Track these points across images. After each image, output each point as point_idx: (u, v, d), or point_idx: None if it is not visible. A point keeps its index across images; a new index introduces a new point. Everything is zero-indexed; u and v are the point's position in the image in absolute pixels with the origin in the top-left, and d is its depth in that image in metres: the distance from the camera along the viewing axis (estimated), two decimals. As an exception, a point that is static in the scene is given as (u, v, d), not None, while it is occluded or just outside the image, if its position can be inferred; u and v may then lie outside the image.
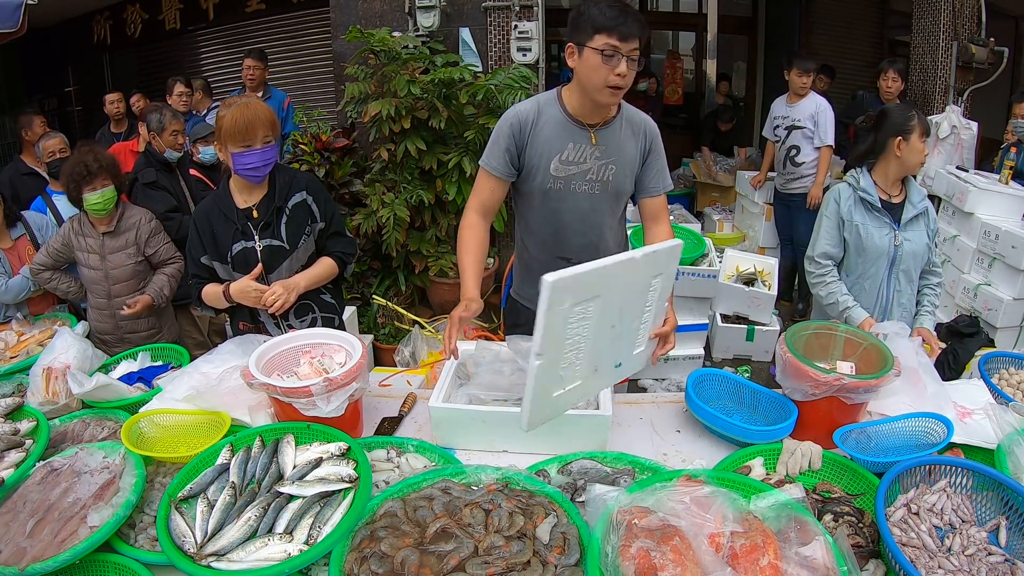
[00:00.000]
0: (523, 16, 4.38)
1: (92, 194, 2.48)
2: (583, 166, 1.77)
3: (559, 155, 1.76)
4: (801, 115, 4.25)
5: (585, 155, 1.77)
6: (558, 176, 1.77)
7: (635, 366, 1.50)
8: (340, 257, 2.08)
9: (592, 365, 1.34)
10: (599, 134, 1.76)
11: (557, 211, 1.82)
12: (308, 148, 3.93)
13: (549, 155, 1.76)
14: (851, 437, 1.51)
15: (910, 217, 2.21)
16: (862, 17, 7.25)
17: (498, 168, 1.78)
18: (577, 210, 1.82)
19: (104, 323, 2.67)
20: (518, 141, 1.76)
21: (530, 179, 1.80)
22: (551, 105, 1.78)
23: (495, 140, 1.78)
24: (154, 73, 6.77)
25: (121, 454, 1.47)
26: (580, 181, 1.79)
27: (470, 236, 1.81)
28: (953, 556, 1.18)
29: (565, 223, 1.83)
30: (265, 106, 1.94)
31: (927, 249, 2.25)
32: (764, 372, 3.83)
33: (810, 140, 4.21)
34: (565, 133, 1.75)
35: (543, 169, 1.77)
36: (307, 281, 1.97)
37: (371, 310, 3.96)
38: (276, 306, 1.87)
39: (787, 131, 4.31)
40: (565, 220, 1.83)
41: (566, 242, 1.86)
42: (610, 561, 1.08)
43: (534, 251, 1.92)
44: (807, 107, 4.24)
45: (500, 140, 1.77)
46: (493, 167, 1.78)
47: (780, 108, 4.43)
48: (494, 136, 1.79)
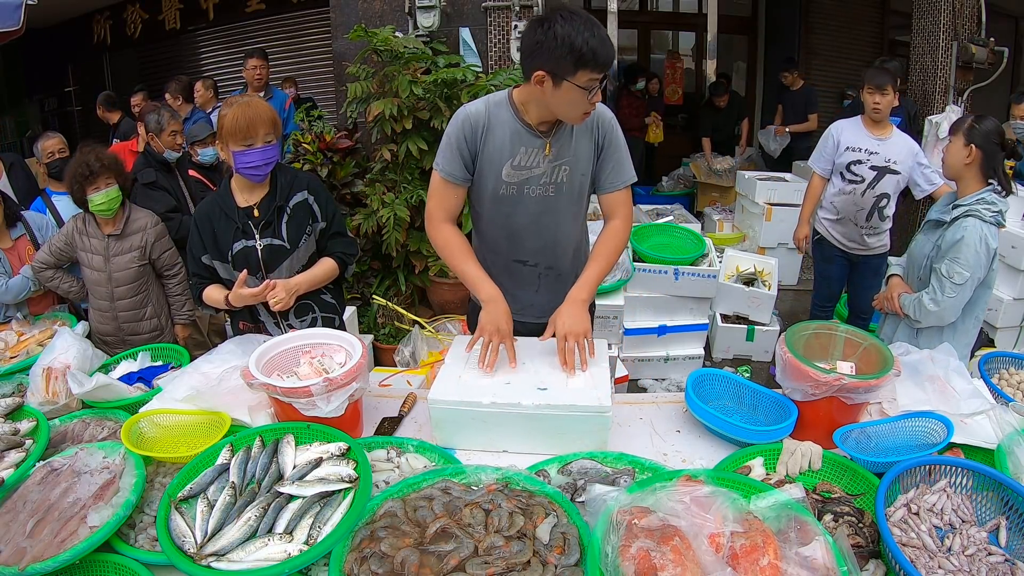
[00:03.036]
0: (523, 16, 4.38)
1: (96, 194, 2.48)
2: (535, 170, 1.72)
3: (511, 160, 1.71)
4: (897, 155, 3.17)
5: (538, 159, 1.71)
6: (511, 182, 1.73)
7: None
8: (341, 257, 2.08)
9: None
10: (552, 139, 1.71)
11: (510, 215, 1.78)
12: (311, 148, 3.93)
13: (500, 160, 1.71)
14: (851, 437, 1.51)
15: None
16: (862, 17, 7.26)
17: (455, 174, 1.73)
18: (530, 213, 1.77)
19: (106, 324, 2.67)
20: (470, 145, 1.70)
21: (482, 184, 1.75)
22: (502, 107, 1.71)
23: (447, 144, 1.71)
24: (154, 73, 6.78)
25: (121, 454, 1.47)
26: (533, 184, 1.74)
27: (458, 243, 1.77)
28: (953, 556, 1.18)
29: (519, 226, 1.80)
30: (267, 105, 1.94)
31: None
32: (764, 372, 3.83)
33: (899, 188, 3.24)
34: (517, 138, 1.70)
35: (495, 174, 1.73)
36: (307, 283, 1.98)
37: (371, 310, 3.97)
38: (275, 305, 1.89)
39: (875, 172, 3.20)
40: (519, 223, 1.79)
41: (520, 245, 1.83)
42: (610, 561, 1.08)
43: (488, 255, 1.88)
44: (903, 146, 3.20)
45: (451, 143, 1.70)
46: (450, 173, 1.72)
47: (860, 137, 3.23)
48: (446, 140, 1.72)
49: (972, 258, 2.11)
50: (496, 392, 1.55)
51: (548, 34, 1.50)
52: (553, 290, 1.88)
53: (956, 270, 2.13)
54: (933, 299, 2.20)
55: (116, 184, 2.52)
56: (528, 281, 1.89)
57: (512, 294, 1.79)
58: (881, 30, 7.28)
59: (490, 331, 1.65)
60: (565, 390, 1.56)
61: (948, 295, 2.16)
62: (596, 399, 1.51)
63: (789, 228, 4.76)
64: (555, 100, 1.58)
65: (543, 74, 1.54)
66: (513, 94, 1.72)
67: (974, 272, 2.12)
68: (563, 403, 1.51)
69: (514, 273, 1.88)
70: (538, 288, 1.90)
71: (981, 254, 2.11)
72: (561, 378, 1.61)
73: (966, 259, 2.11)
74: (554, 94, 1.56)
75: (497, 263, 1.87)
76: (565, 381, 1.60)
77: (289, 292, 1.90)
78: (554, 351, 1.68)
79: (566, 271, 1.90)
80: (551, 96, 1.57)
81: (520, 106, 1.70)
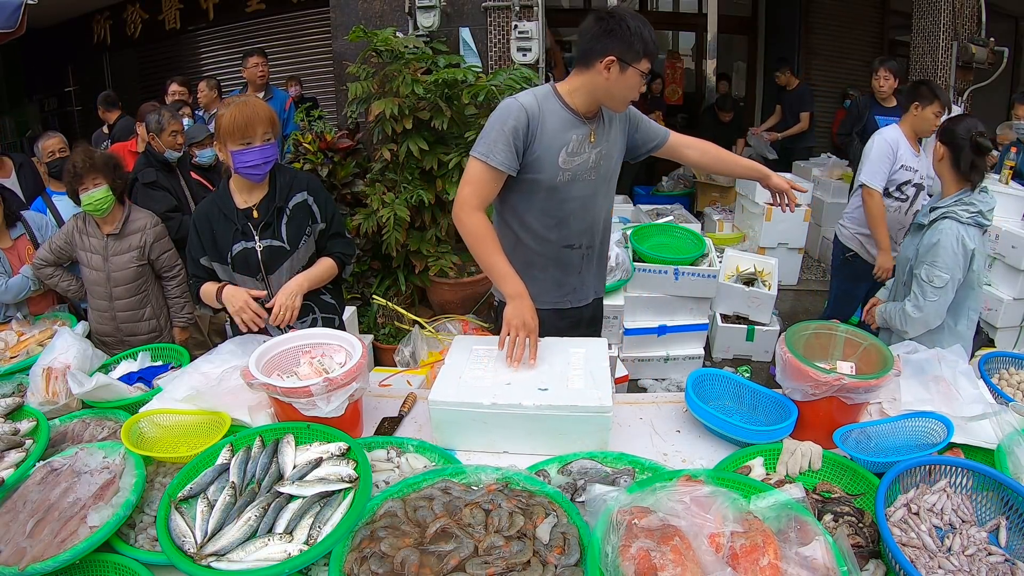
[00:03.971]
0: (523, 16, 4.38)
1: (84, 195, 2.49)
2: (583, 156, 1.82)
3: (565, 148, 1.79)
4: (929, 171, 3.04)
5: (584, 146, 1.82)
6: (566, 168, 1.80)
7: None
8: (340, 257, 2.08)
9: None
10: (594, 127, 1.82)
11: (564, 201, 1.85)
12: (312, 147, 3.93)
13: (556, 149, 1.78)
14: (851, 437, 1.51)
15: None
16: (862, 17, 7.27)
17: (504, 162, 1.75)
18: (578, 198, 1.86)
19: (105, 325, 2.66)
20: (524, 135, 1.75)
21: (536, 172, 1.80)
22: (549, 98, 1.79)
23: (499, 133, 1.74)
24: (154, 73, 6.78)
25: (121, 454, 1.47)
26: (582, 170, 1.83)
27: (490, 234, 1.79)
28: (953, 556, 1.18)
29: (569, 212, 1.87)
30: (264, 104, 1.94)
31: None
32: (764, 372, 3.83)
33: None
34: (568, 126, 1.79)
35: (551, 162, 1.79)
36: (309, 281, 1.98)
37: (371, 310, 3.96)
38: (285, 318, 1.89)
39: (915, 190, 3.14)
40: (569, 209, 1.87)
41: (569, 230, 1.90)
42: (610, 561, 1.08)
43: (537, 245, 1.91)
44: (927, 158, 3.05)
45: (505, 133, 1.74)
46: (499, 161, 1.75)
47: (909, 154, 3.09)
48: (497, 130, 1.75)
49: (950, 260, 2.11)
50: (496, 393, 1.55)
51: (621, 24, 1.66)
52: (591, 269, 2.02)
53: (935, 274, 2.13)
54: (916, 305, 2.19)
55: (105, 184, 2.51)
56: (575, 264, 1.97)
57: (560, 281, 1.94)
58: (881, 30, 7.28)
59: (516, 325, 1.69)
60: (566, 390, 1.56)
61: (930, 299, 2.15)
62: (597, 399, 1.51)
63: (789, 228, 4.79)
64: (617, 85, 1.71)
65: (613, 59, 1.67)
66: (556, 87, 1.82)
67: (953, 274, 2.12)
68: (564, 403, 1.51)
69: (563, 259, 1.94)
70: (581, 269, 1.99)
71: (958, 255, 2.11)
72: (562, 378, 1.61)
73: (944, 262, 2.11)
74: (618, 79, 1.70)
75: (547, 252, 1.91)
76: (566, 381, 1.60)
77: (290, 296, 1.90)
78: (555, 351, 1.70)
79: (599, 248, 2.03)
80: (615, 81, 1.70)
81: (566, 96, 1.79)
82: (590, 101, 1.79)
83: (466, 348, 1.78)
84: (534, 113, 1.75)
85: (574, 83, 1.79)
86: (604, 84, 1.72)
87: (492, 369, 1.66)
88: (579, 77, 1.77)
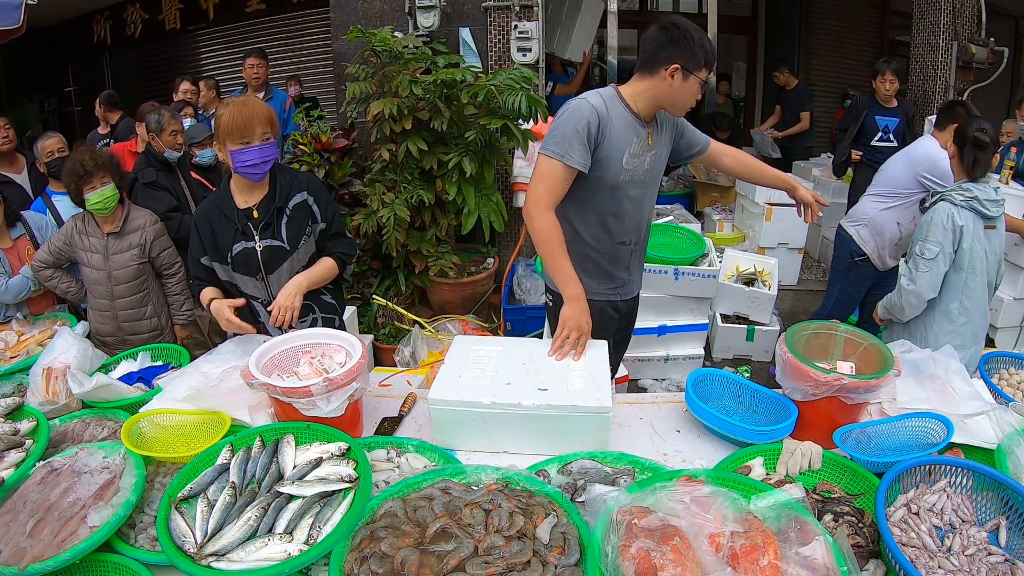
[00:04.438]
0: (523, 16, 4.38)
1: (91, 194, 2.48)
2: (641, 157, 1.90)
3: (628, 149, 1.86)
4: None
5: (642, 147, 1.90)
6: (628, 169, 1.88)
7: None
8: (340, 257, 2.08)
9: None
10: (651, 130, 1.92)
11: (622, 200, 1.93)
12: (308, 148, 3.93)
13: (621, 150, 1.85)
14: (851, 437, 1.51)
15: None
16: (862, 17, 7.27)
17: (580, 161, 1.80)
18: (633, 198, 1.95)
19: (105, 324, 2.66)
20: (596, 135, 1.81)
21: (601, 171, 1.86)
22: (615, 101, 1.86)
23: (573, 133, 1.79)
24: (154, 73, 6.77)
25: (121, 454, 1.47)
26: (638, 171, 1.92)
27: (560, 235, 1.86)
28: (953, 556, 1.18)
29: (625, 210, 1.95)
30: (263, 103, 1.94)
31: None
32: (764, 372, 3.83)
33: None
34: (631, 129, 1.86)
35: (616, 162, 1.85)
36: (309, 281, 1.98)
37: (371, 310, 3.96)
38: (285, 318, 1.89)
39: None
40: (625, 208, 1.95)
41: (623, 228, 1.99)
42: (610, 561, 1.08)
43: (594, 241, 1.99)
44: None
45: (579, 133, 1.79)
46: (576, 161, 1.80)
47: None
48: (570, 130, 1.79)
49: (939, 234, 2.32)
50: (496, 392, 1.55)
51: (686, 35, 1.75)
52: (637, 265, 2.15)
53: (926, 247, 2.34)
54: (909, 278, 2.39)
55: (112, 183, 2.53)
56: (624, 260, 2.07)
57: (612, 275, 2.05)
58: (881, 30, 7.28)
59: (571, 327, 1.78)
60: (566, 390, 1.56)
61: (922, 270, 2.35)
62: (597, 399, 1.51)
63: (789, 228, 4.79)
64: (680, 92, 1.81)
65: (678, 67, 1.77)
66: (620, 90, 1.88)
67: (943, 247, 2.32)
68: (564, 403, 1.51)
69: (616, 255, 2.03)
70: (629, 265, 2.10)
71: (948, 229, 2.31)
72: (561, 378, 1.61)
73: (934, 236, 2.33)
74: (681, 86, 1.79)
75: (602, 247, 2.00)
76: (566, 382, 1.60)
77: (289, 297, 1.90)
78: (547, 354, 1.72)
79: (644, 245, 2.14)
80: (678, 88, 1.80)
81: (630, 99, 1.86)
82: (652, 106, 1.87)
83: (466, 348, 1.78)
84: (603, 114, 1.81)
85: (637, 88, 1.86)
86: (667, 90, 1.81)
87: (492, 369, 1.66)
88: (642, 82, 1.85)
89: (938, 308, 2.43)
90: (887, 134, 4.36)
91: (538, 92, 4.29)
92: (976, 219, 2.33)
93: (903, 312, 2.47)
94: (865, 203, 3.31)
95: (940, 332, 2.42)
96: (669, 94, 1.82)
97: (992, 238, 2.38)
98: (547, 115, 3.93)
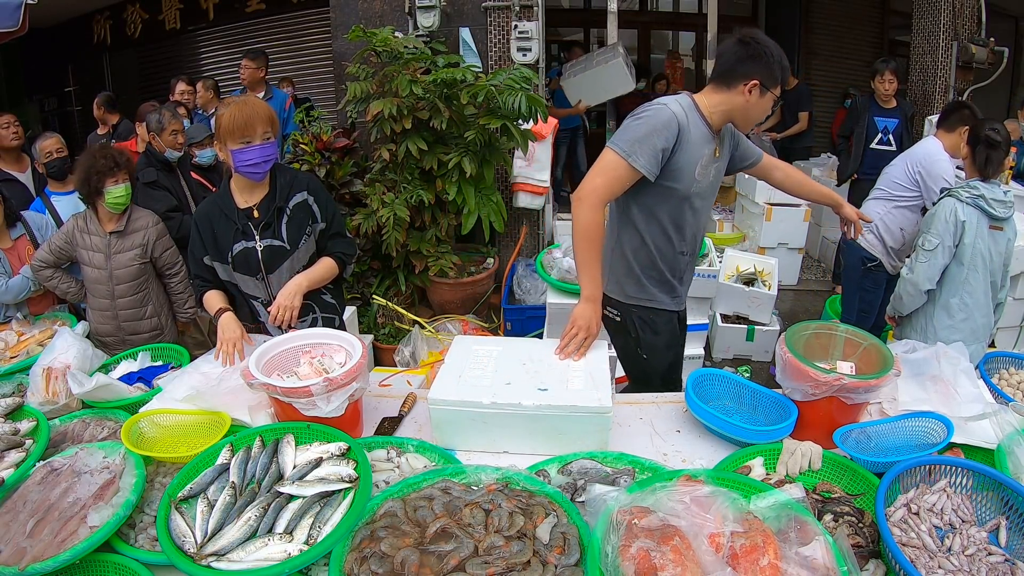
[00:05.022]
0: (523, 16, 4.38)
1: (116, 187, 2.51)
2: (709, 169, 1.89)
3: (700, 161, 1.84)
4: None
5: (711, 159, 1.88)
6: (698, 180, 1.86)
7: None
8: (340, 257, 2.08)
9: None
10: (718, 141, 1.91)
11: (688, 211, 1.91)
12: (309, 148, 3.93)
13: (695, 161, 1.82)
14: (851, 437, 1.51)
15: None
16: (862, 17, 7.27)
17: (646, 166, 1.75)
18: (697, 209, 1.94)
19: (106, 324, 2.66)
20: (672, 143, 1.77)
21: (674, 181, 1.82)
22: (692, 111, 1.82)
23: (646, 136, 1.74)
24: (154, 73, 6.77)
25: (121, 454, 1.47)
26: (705, 182, 1.91)
27: (601, 235, 1.83)
28: (953, 556, 1.18)
29: (686, 221, 1.94)
30: (263, 103, 1.95)
31: None
32: (764, 372, 3.83)
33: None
34: (705, 141, 1.84)
35: (689, 173, 1.83)
36: (309, 281, 1.97)
37: (371, 310, 3.97)
38: (284, 318, 1.90)
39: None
40: (687, 219, 1.93)
41: (683, 238, 1.97)
42: (610, 561, 1.08)
43: (656, 248, 1.94)
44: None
45: (652, 138, 1.74)
46: (643, 165, 1.75)
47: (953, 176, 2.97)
48: (646, 133, 1.75)
49: (941, 227, 2.38)
50: (496, 392, 1.55)
51: (766, 51, 1.73)
52: (689, 277, 2.12)
53: (927, 238, 2.41)
54: (909, 267, 2.48)
55: (129, 180, 2.58)
56: (681, 271, 2.04)
57: (672, 285, 2.01)
58: (881, 30, 7.28)
59: (581, 326, 1.75)
60: (565, 390, 1.56)
61: (921, 260, 2.43)
62: (597, 399, 1.51)
63: (789, 228, 4.79)
64: (755, 107, 1.79)
65: (757, 83, 1.75)
66: (697, 100, 1.85)
67: (943, 240, 2.38)
68: (564, 403, 1.51)
69: (676, 264, 2.01)
70: (684, 275, 2.07)
71: (949, 223, 2.38)
72: (561, 378, 1.61)
73: (936, 229, 2.39)
74: (757, 102, 1.78)
75: (665, 256, 1.96)
76: (566, 382, 1.60)
77: (289, 297, 1.91)
78: (555, 351, 1.71)
79: (696, 257, 2.11)
80: (753, 104, 1.78)
81: (705, 111, 1.84)
82: (724, 119, 1.86)
83: (466, 348, 1.78)
84: (683, 124, 1.77)
85: (713, 99, 1.83)
86: (743, 105, 1.79)
87: (492, 369, 1.66)
88: (718, 95, 1.82)
89: (938, 302, 2.48)
90: (887, 135, 4.36)
91: (538, 92, 4.29)
92: (981, 217, 2.37)
93: (902, 303, 2.54)
94: (868, 206, 3.30)
95: (939, 326, 2.49)
96: (744, 109, 1.80)
97: (998, 239, 2.42)
98: (547, 115, 3.93)
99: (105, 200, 2.52)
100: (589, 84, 5.45)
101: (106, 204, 2.53)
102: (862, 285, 3.33)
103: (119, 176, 2.52)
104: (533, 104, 3.64)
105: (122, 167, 2.53)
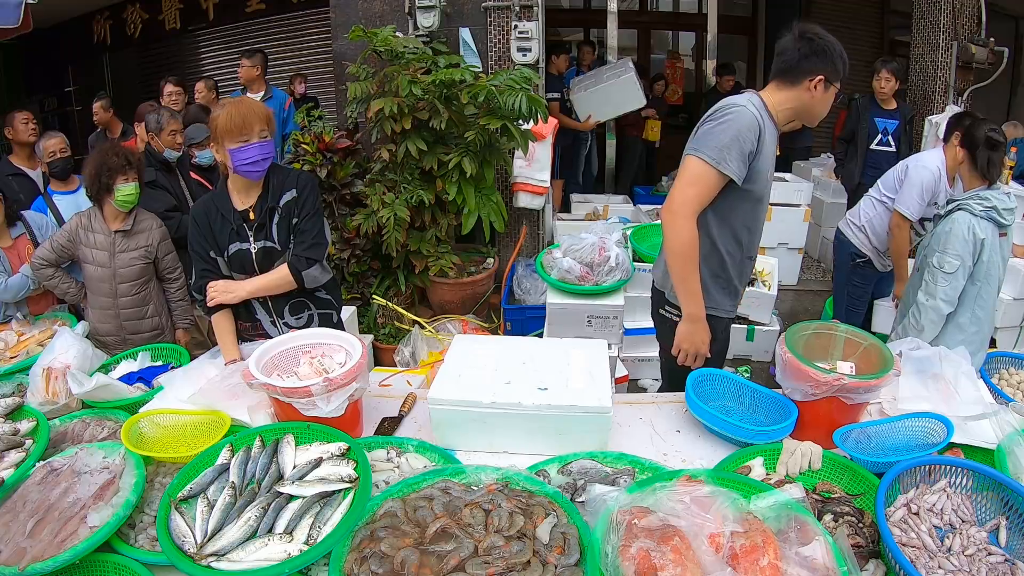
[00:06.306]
0: (523, 16, 4.38)
1: (126, 185, 2.53)
2: (772, 169, 1.87)
3: (773, 161, 1.84)
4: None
5: (775, 159, 1.87)
6: (770, 180, 1.86)
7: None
8: (295, 263, 1.95)
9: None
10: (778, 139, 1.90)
11: (759, 214, 1.91)
12: (310, 148, 3.93)
13: (770, 161, 1.82)
14: (851, 437, 1.51)
15: None
16: (862, 17, 7.26)
17: (736, 171, 1.72)
18: (764, 211, 1.93)
19: (107, 323, 2.66)
20: (756, 146, 1.75)
21: (752, 183, 1.80)
22: (763, 111, 1.79)
23: (732, 141, 1.71)
24: (154, 73, 6.77)
25: (121, 454, 1.47)
26: (770, 184, 1.89)
27: (696, 248, 1.79)
28: (953, 556, 1.18)
29: (757, 224, 1.93)
30: (259, 102, 1.95)
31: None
32: (764, 372, 3.83)
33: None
34: (774, 140, 1.84)
35: (764, 175, 1.81)
36: (249, 289, 1.95)
37: (371, 310, 3.97)
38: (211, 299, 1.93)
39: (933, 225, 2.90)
40: (759, 221, 1.93)
41: (752, 241, 1.95)
42: (610, 561, 1.08)
43: (726, 253, 1.91)
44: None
45: (739, 142, 1.71)
46: (732, 169, 1.72)
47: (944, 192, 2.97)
48: (732, 137, 1.71)
49: (960, 247, 2.23)
50: (496, 392, 1.55)
51: (828, 45, 1.72)
52: (746, 281, 2.06)
53: (946, 260, 2.25)
54: (927, 292, 2.30)
55: (138, 180, 2.59)
56: (746, 275, 2.02)
57: (735, 290, 1.98)
58: (881, 30, 7.28)
59: (688, 350, 1.77)
60: (565, 390, 1.56)
61: (940, 285, 2.26)
62: (597, 399, 1.51)
63: (789, 228, 4.78)
64: (820, 102, 1.77)
65: (822, 78, 1.73)
66: (764, 97, 1.82)
67: (963, 260, 2.23)
68: (564, 403, 1.51)
69: (742, 270, 1.99)
70: (745, 281, 2.03)
71: (969, 242, 2.22)
72: (561, 378, 1.61)
73: (955, 248, 2.23)
74: (822, 97, 1.76)
75: (733, 261, 1.93)
76: (566, 381, 1.60)
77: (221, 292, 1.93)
78: (555, 351, 1.70)
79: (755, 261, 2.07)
80: (819, 98, 1.76)
81: (773, 109, 1.81)
82: (790, 116, 1.83)
83: (466, 348, 1.78)
84: (762, 125, 1.75)
85: (779, 97, 1.80)
86: (809, 101, 1.77)
87: (492, 368, 1.66)
88: (784, 92, 1.79)
89: (951, 321, 2.34)
90: (886, 136, 4.36)
91: (538, 92, 4.29)
92: (994, 229, 2.26)
93: (923, 332, 2.33)
94: (862, 205, 3.33)
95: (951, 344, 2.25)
96: (810, 105, 1.77)
97: (1003, 245, 2.34)
98: (547, 115, 3.93)
99: (115, 198, 2.53)
100: (600, 99, 5.45)
101: (115, 202, 2.54)
102: (851, 279, 3.39)
103: (130, 175, 2.54)
104: (533, 104, 3.64)
105: (133, 166, 2.56)
